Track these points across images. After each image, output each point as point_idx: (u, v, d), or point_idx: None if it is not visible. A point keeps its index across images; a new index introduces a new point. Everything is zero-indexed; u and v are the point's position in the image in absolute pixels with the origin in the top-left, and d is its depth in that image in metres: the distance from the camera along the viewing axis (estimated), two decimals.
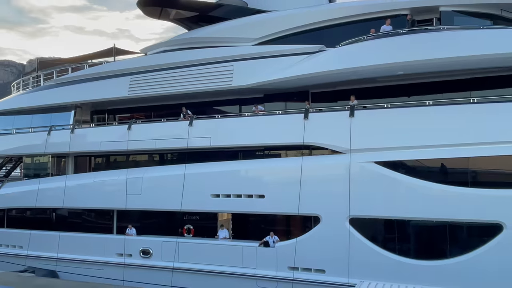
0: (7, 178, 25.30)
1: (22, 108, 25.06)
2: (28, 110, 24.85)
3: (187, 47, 21.69)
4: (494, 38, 15.72)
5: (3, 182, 23.62)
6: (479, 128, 14.41)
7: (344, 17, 19.14)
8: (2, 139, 24.71)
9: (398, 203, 14.78)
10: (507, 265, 13.25)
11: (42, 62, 28.76)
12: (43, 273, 19.64)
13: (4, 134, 24.84)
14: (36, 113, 24.53)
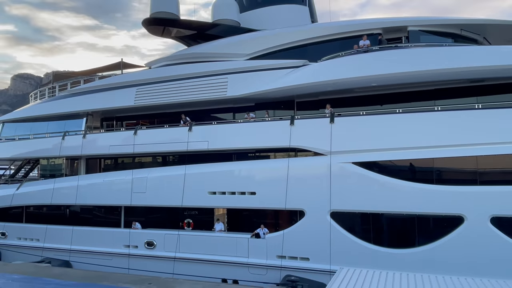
0: (26, 179, 25.20)
1: (39, 116, 24.97)
2: (45, 117, 24.78)
3: (186, 61, 21.83)
4: (454, 54, 16.08)
5: (21, 182, 23.56)
6: (442, 133, 14.64)
7: (325, 35, 19.50)
8: (21, 144, 24.68)
9: (373, 198, 14.96)
10: (468, 252, 13.53)
11: (57, 75, 28.76)
12: (58, 263, 19.59)
13: (23, 139, 24.78)
14: (51, 120, 24.47)
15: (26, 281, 15.16)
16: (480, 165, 14.15)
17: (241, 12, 23.64)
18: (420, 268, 13.35)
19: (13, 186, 23.18)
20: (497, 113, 14.50)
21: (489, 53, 15.98)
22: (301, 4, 23.54)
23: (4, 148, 25.73)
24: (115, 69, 26.25)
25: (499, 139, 13.88)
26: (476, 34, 19.40)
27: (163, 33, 23.45)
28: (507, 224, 13.32)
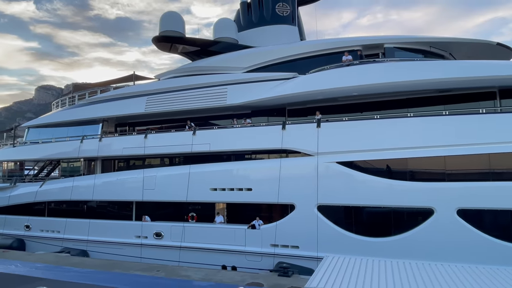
0: (48, 178, 25.05)
1: (60, 122, 24.86)
2: (65, 123, 24.65)
3: (191, 74, 21.86)
4: (424, 67, 16.28)
5: (44, 181, 23.40)
6: (414, 136, 14.75)
7: (312, 51, 19.66)
8: (44, 146, 24.49)
9: (354, 193, 15.00)
10: (437, 240, 13.56)
11: (76, 86, 28.73)
12: (76, 252, 19.45)
13: (46, 142, 24.63)
14: (71, 126, 24.35)
15: (47, 269, 15.02)
16: (448, 164, 14.23)
17: (239, 31, 23.78)
18: (396, 255, 13.41)
19: (37, 184, 22.96)
20: (461, 118, 14.62)
21: (453, 67, 16.17)
22: (291, 25, 23.70)
23: (29, 150, 25.52)
24: (127, 80, 26.28)
25: (463, 141, 14.00)
26: (443, 50, 19.62)
27: (171, 49, 23.48)
28: (471, 216, 13.41)
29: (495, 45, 19.05)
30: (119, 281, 13.21)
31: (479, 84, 15.76)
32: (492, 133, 13.79)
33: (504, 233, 13.06)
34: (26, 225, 22.22)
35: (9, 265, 15.70)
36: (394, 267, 8.62)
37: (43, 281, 12.67)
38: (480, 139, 13.82)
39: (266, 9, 23.73)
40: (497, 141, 13.58)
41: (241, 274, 14.34)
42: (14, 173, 28.66)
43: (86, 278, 13.73)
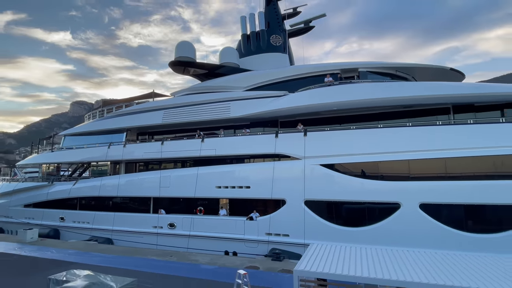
0: (80, 177, 24.85)
1: (91, 131, 24.74)
2: (95, 132, 24.54)
3: (201, 92, 21.96)
4: (391, 88, 16.41)
5: (77, 180, 23.20)
6: (384, 144, 14.80)
7: (300, 74, 19.86)
8: (77, 151, 24.37)
9: (335, 191, 14.99)
10: (403, 229, 13.58)
11: (105, 101, 28.61)
12: (102, 240, 19.21)
13: (79, 148, 24.51)
14: (100, 134, 24.26)
15: (78, 255, 14.85)
16: (411, 166, 14.25)
17: (240, 58, 23.96)
18: (369, 242, 13.38)
19: (70, 183, 22.75)
20: (422, 129, 14.69)
21: (415, 87, 16.27)
22: (282, 53, 23.95)
23: (65, 155, 25.37)
24: (148, 97, 26.28)
25: (424, 148, 14.09)
26: (407, 74, 19.84)
27: (184, 72, 23.59)
28: (431, 209, 13.44)
29: (449, 69, 19.32)
30: (138, 265, 13.05)
31: (436, 101, 15.97)
32: (447, 142, 13.89)
33: (457, 223, 13.11)
34: (61, 217, 21.96)
35: (46, 251, 15.50)
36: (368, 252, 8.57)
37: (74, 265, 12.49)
38: (437, 146, 13.93)
39: (263, 40, 24.01)
40: (451, 148, 13.71)
41: (240, 259, 14.22)
42: (51, 174, 28.39)
43: (110, 262, 13.56)
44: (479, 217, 13.10)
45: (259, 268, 12.41)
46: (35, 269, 12.55)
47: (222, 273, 11.82)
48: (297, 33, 27.37)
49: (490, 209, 12.92)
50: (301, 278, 7.16)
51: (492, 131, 13.56)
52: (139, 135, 24.64)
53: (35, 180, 25.81)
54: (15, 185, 24.89)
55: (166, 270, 12.33)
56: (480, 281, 6.35)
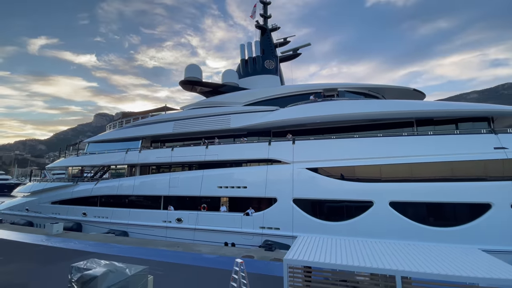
0: (101, 178, 24.51)
1: (112, 139, 24.53)
2: (115, 140, 24.34)
3: (206, 106, 21.98)
4: (364, 104, 16.63)
5: (98, 180, 22.88)
6: (359, 151, 14.88)
7: (289, 92, 20.02)
8: (99, 156, 24.09)
9: (318, 190, 14.98)
10: (376, 224, 13.61)
11: (124, 113, 28.46)
12: (119, 233, 18.85)
13: (101, 153, 24.23)
14: (119, 142, 24.07)
15: (97, 246, 14.50)
16: (382, 170, 14.36)
17: (239, 78, 24.18)
18: (347, 234, 13.55)
19: (92, 183, 22.43)
20: (390, 139, 14.83)
21: (384, 104, 16.53)
22: (275, 75, 24.25)
23: (88, 159, 25.03)
24: (161, 110, 26.20)
25: (392, 155, 14.23)
26: (378, 93, 20.13)
27: (192, 89, 23.72)
28: (399, 206, 13.48)
29: (412, 90, 19.67)
30: (150, 254, 12.80)
31: (402, 116, 16.17)
32: (411, 150, 14.03)
33: (421, 218, 13.16)
34: (83, 212, 21.55)
35: (69, 242, 15.13)
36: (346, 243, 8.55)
37: (93, 254, 12.20)
38: (404, 153, 14.06)
39: (258, 64, 24.29)
40: (415, 155, 13.86)
41: (238, 249, 14.04)
42: (76, 175, 27.96)
43: (126, 252, 13.28)
44: (438, 213, 13.18)
45: (254, 257, 12.26)
46: (59, 258, 12.24)
47: (222, 262, 11.65)
48: (287, 59, 27.76)
49: (447, 206, 13.03)
50: (290, 266, 7.10)
51: (448, 142, 13.77)
52: (153, 143, 24.50)
53: (62, 181, 25.38)
54: (44, 185, 24.43)
55: (174, 259, 12.11)
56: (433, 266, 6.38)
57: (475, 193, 12.57)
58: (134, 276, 6.50)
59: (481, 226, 12.24)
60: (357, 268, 6.58)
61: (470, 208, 12.64)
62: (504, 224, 11.96)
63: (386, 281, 6.39)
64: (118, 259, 11.41)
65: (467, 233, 12.33)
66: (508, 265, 6.41)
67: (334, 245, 8.23)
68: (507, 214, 12.00)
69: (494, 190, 12.34)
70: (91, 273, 5.94)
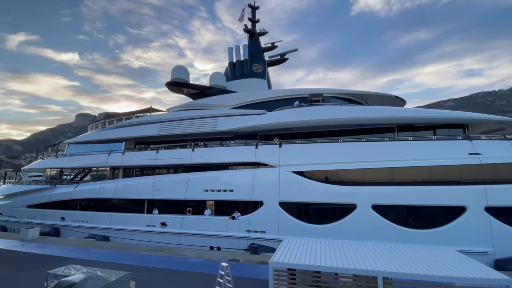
0: (81, 181, 23.54)
1: (94, 140, 23.63)
2: (97, 141, 23.47)
3: (193, 108, 21.74)
4: (349, 110, 17.02)
5: (78, 183, 21.95)
6: (343, 155, 15.13)
7: (276, 96, 20.23)
8: (80, 158, 23.10)
9: (304, 194, 15.06)
10: (359, 226, 13.84)
11: (107, 114, 27.55)
12: (99, 237, 18.09)
13: (82, 155, 23.29)
14: (101, 143, 23.25)
15: (76, 251, 13.86)
16: (365, 174, 14.64)
17: (227, 81, 24.14)
18: (331, 236, 13.66)
19: (72, 186, 21.47)
20: (373, 144, 15.21)
21: (367, 110, 17.01)
22: (262, 78, 24.38)
23: (68, 160, 23.98)
24: (146, 112, 25.57)
25: (374, 159, 14.56)
26: (361, 99, 20.72)
27: (178, 91, 23.33)
28: (381, 209, 13.81)
29: (393, 97, 20.41)
30: (132, 260, 12.38)
31: (384, 122, 16.71)
32: (392, 154, 14.45)
33: (401, 221, 13.52)
34: (62, 216, 20.56)
35: (46, 248, 14.37)
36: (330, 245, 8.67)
37: (72, 260, 11.65)
38: (385, 158, 14.44)
39: (246, 68, 24.36)
40: (396, 159, 14.28)
41: (223, 253, 13.86)
42: (54, 178, 26.69)
43: (107, 257, 12.78)
44: (417, 216, 13.59)
45: (239, 261, 12.16)
46: (35, 264, 11.60)
47: (207, 266, 11.47)
48: (274, 63, 28.06)
49: (426, 209, 13.49)
50: (275, 269, 7.11)
51: (427, 147, 14.30)
52: (137, 145, 23.84)
53: (39, 183, 24.14)
54: (19, 187, 23.17)
55: (158, 264, 11.78)
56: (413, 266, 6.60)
57: (451, 196, 13.11)
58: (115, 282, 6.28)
59: (457, 228, 12.78)
60: (341, 269, 6.68)
61: (446, 211, 13.17)
62: (478, 226, 12.55)
63: (368, 282, 6.53)
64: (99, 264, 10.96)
65: (444, 235, 12.82)
66: (482, 265, 6.74)
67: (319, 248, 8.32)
68: (481, 216, 12.61)
69: (469, 193, 12.94)
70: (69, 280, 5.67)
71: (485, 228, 12.47)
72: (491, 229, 12.41)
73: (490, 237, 12.36)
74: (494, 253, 12.18)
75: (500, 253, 12.11)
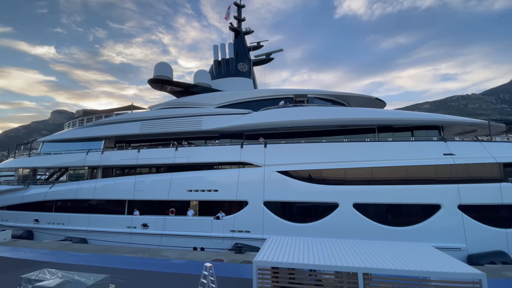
0: (56, 181, 22.41)
1: (71, 138, 22.47)
2: (75, 139, 22.33)
3: (176, 106, 21.26)
4: (332, 111, 17.35)
5: (53, 183, 20.86)
6: (326, 155, 15.36)
7: (262, 96, 20.24)
8: (55, 157, 21.90)
9: (288, 193, 15.16)
10: (341, 224, 14.13)
11: (85, 111, 26.36)
12: (77, 240, 17.26)
13: (57, 154, 22.12)
14: (79, 142, 22.19)
15: (52, 254, 13.24)
16: (346, 173, 14.96)
17: (212, 79, 23.90)
18: (314, 235, 13.78)
19: (47, 187, 20.37)
20: (355, 144, 15.61)
21: (350, 111, 17.41)
22: (248, 78, 24.38)
23: (42, 159, 22.65)
24: (127, 109, 24.62)
25: (355, 159, 14.93)
26: (344, 100, 21.25)
27: (161, 88, 22.81)
28: (362, 207, 14.20)
29: (374, 99, 21.10)
30: (112, 262, 11.99)
31: (365, 123, 17.21)
32: (373, 154, 14.89)
33: (381, 219, 14.00)
34: (35, 219, 19.48)
35: (19, 251, 13.61)
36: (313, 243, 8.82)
37: (47, 264, 11.11)
38: (366, 158, 14.85)
39: (231, 66, 24.24)
40: (376, 159, 14.74)
41: (207, 253, 13.74)
42: (27, 177, 25.24)
43: (84, 260, 12.29)
44: (396, 214, 14.11)
45: (223, 261, 12.10)
46: (7, 268, 10.91)
47: (190, 266, 11.32)
48: (260, 63, 28.16)
49: (404, 207, 14.05)
50: (259, 267, 7.14)
51: (405, 147, 14.90)
52: (117, 143, 22.97)
53: (10, 184, 22.72)
54: None
55: (139, 266, 11.48)
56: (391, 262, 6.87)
57: (427, 195, 13.74)
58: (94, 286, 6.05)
59: (433, 225, 13.43)
60: (323, 267, 6.83)
61: (423, 208, 13.79)
62: (452, 223, 13.25)
63: (349, 278, 6.72)
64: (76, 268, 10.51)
65: (420, 232, 13.42)
66: (455, 260, 7.12)
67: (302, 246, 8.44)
68: (455, 214, 13.32)
69: (443, 192, 13.63)
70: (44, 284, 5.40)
71: (458, 225, 13.19)
72: (463, 226, 13.14)
73: (463, 233, 13.09)
74: (466, 248, 12.91)
75: (472, 248, 12.85)
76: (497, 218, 13.07)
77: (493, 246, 12.71)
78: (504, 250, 12.58)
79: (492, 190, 13.23)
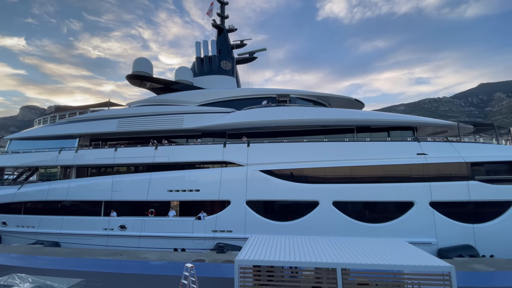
0: (26, 182, 21.03)
1: (41, 136, 21.15)
2: (46, 137, 21.02)
3: (156, 104, 20.69)
4: (313, 111, 17.73)
5: (22, 184, 19.56)
6: (307, 154, 15.63)
7: (245, 95, 20.24)
8: (25, 156, 20.53)
9: (270, 192, 15.26)
10: (321, 222, 14.45)
11: (58, 107, 24.87)
12: (48, 244, 16.28)
13: (26, 152, 20.75)
14: (51, 140, 20.92)
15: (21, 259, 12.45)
16: (326, 172, 15.30)
17: (194, 77, 23.48)
18: (295, 233, 14.00)
19: (15, 187, 19.05)
20: (334, 144, 16.00)
21: (330, 111, 17.83)
22: (231, 76, 24.19)
23: (9, 158, 21.17)
24: (103, 106, 23.49)
25: (335, 158, 15.31)
26: (325, 101, 21.74)
27: (140, 85, 22.04)
28: (341, 205, 14.63)
29: (353, 100, 21.79)
30: (87, 265, 11.49)
31: (344, 123, 17.69)
32: (352, 154, 15.36)
33: (359, 216, 14.51)
34: (3, 221, 18.17)
35: None
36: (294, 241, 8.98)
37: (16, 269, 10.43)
38: (345, 157, 15.30)
39: (214, 64, 23.96)
40: (354, 159, 15.23)
41: (188, 254, 13.53)
42: None
43: (57, 264, 11.68)
44: (373, 211, 14.69)
45: (205, 261, 11.99)
46: None
47: (171, 268, 11.12)
48: (243, 61, 28.06)
49: (380, 204, 14.69)
50: (240, 266, 7.15)
51: (381, 147, 15.53)
52: (92, 141, 21.92)
53: None
54: None
55: (116, 269, 11.08)
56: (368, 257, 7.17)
57: (401, 192, 14.44)
58: None
59: (406, 221, 14.14)
60: (303, 263, 6.98)
61: (397, 206, 14.48)
62: (424, 219, 14.03)
63: (329, 274, 6.92)
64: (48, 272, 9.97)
65: (395, 228, 14.09)
66: (427, 253, 7.55)
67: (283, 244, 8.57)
68: (426, 211, 14.11)
69: (416, 190, 14.38)
70: None
71: (430, 221, 13.99)
72: (434, 222, 13.95)
73: (433, 229, 13.90)
74: (437, 243, 13.72)
75: (442, 243, 13.68)
76: (465, 214, 13.97)
77: (461, 240, 13.59)
78: (471, 244, 13.49)
79: (460, 188, 14.10)
